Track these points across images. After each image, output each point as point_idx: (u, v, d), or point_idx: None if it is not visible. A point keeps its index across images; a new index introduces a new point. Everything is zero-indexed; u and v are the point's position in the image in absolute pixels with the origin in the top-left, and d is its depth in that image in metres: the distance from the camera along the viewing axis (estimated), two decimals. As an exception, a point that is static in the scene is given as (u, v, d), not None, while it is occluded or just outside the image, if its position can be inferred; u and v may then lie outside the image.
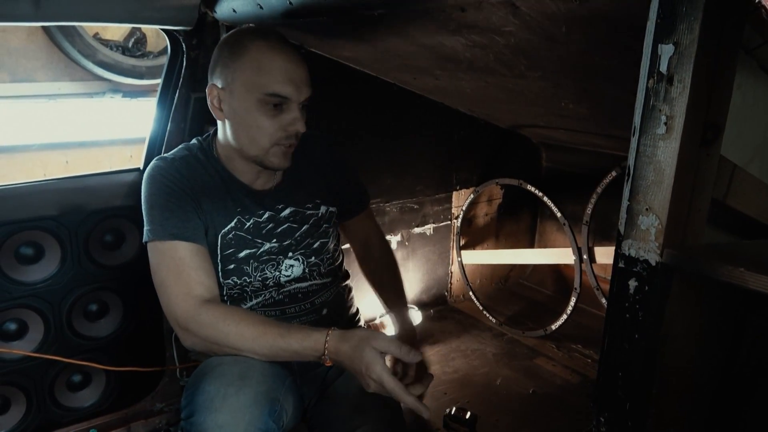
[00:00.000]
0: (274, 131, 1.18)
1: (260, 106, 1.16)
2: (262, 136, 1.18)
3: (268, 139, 1.18)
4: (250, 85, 1.15)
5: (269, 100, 1.15)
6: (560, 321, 2.23)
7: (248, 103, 1.16)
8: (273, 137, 1.18)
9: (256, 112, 1.16)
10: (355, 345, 1.04)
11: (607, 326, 0.75)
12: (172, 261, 1.16)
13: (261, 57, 1.15)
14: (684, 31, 0.61)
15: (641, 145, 0.68)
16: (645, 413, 0.73)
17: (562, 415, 1.85)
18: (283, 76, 1.15)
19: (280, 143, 1.20)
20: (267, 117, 1.17)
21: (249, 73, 1.15)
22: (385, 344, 1.02)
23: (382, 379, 1.01)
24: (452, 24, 1.13)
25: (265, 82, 1.14)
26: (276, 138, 1.19)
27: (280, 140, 1.19)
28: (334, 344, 1.07)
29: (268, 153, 1.20)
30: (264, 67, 1.14)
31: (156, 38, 3.75)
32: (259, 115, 1.16)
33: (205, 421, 1.01)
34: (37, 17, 1.33)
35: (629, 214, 0.70)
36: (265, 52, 1.15)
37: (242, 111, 1.17)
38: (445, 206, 2.54)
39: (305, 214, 1.32)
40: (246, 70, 1.15)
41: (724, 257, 0.64)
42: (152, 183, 1.20)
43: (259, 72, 1.15)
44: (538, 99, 1.67)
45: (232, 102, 1.18)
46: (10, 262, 1.56)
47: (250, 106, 1.16)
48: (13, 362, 1.60)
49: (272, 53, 1.15)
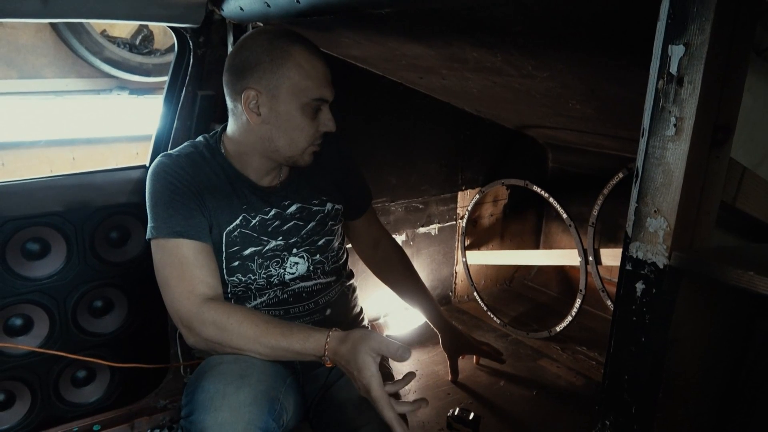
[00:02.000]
0: (313, 132, 1.23)
1: (305, 109, 1.20)
2: (302, 138, 1.22)
3: (306, 140, 1.23)
4: (296, 90, 1.18)
5: (314, 104, 1.21)
6: (565, 323, 2.22)
7: (293, 106, 1.19)
8: (311, 138, 1.23)
9: (300, 115, 1.20)
10: (350, 347, 1.04)
11: (613, 329, 0.75)
12: (176, 259, 1.16)
13: (305, 63, 1.18)
14: (695, 31, 0.61)
15: (650, 146, 0.67)
16: (651, 417, 0.72)
17: (566, 417, 1.84)
18: (326, 81, 1.21)
19: (314, 143, 1.25)
20: (309, 119, 1.21)
21: (296, 78, 1.18)
22: (377, 344, 1.03)
23: (370, 385, 1.01)
24: (460, 23, 1.13)
25: (313, 87, 1.19)
26: (312, 138, 1.24)
27: (314, 140, 1.25)
28: (333, 346, 1.07)
29: (304, 153, 1.25)
30: (310, 73, 1.19)
31: (163, 36, 3.76)
32: (303, 118, 1.21)
33: (204, 420, 1.01)
34: (45, 14, 1.33)
35: (637, 216, 0.70)
36: (308, 58, 1.19)
37: (286, 114, 1.20)
38: (451, 206, 2.54)
39: (311, 210, 1.32)
40: (292, 76, 1.18)
41: (733, 260, 0.63)
42: (157, 180, 1.20)
43: (306, 77, 1.18)
44: (545, 99, 1.66)
45: (275, 106, 1.19)
46: (17, 257, 1.57)
47: (295, 110, 1.20)
48: (18, 357, 1.61)
49: (314, 58, 1.20)
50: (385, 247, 1.64)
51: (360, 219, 1.54)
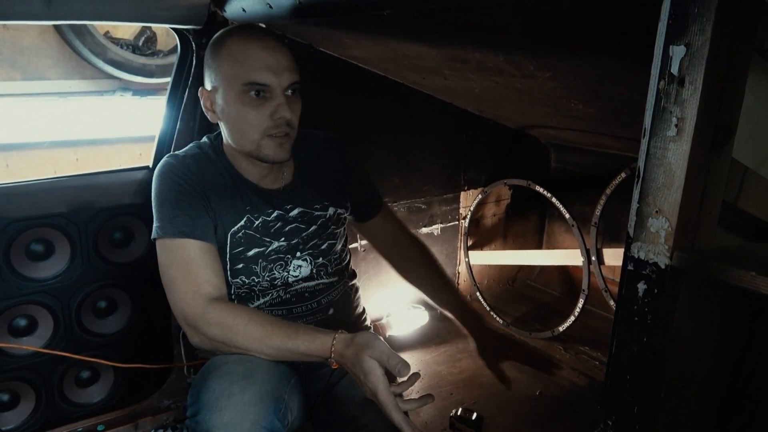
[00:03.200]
0: (260, 121, 1.17)
1: (242, 97, 1.16)
2: (249, 128, 1.18)
3: (255, 130, 1.17)
4: (229, 78, 1.16)
5: (248, 89, 1.15)
6: (568, 323, 2.21)
7: (231, 96, 1.17)
8: (260, 127, 1.17)
9: (239, 104, 1.16)
10: (355, 352, 1.04)
11: (615, 329, 0.75)
12: (181, 259, 1.16)
13: (236, 49, 1.16)
14: (696, 32, 0.61)
15: (651, 147, 0.67)
16: (653, 417, 0.72)
17: (569, 417, 1.84)
18: (259, 63, 1.14)
19: (269, 133, 1.18)
20: (251, 107, 1.16)
21: (226, 66, 1.16)
22: (378, 354, 1.02)
23: (376, 390, 1.01)
24: (461, 24, 1.13)
25: (241, 72, 1.14)
26: (264, 128, 1.17)
27: (268, 130, 1.18)
28: (339, 349, 1.07)
29: (261, 145, 1.19)
30: (239, 58, 1.15)
31: (166, 37, 3.77)
32: (243, 107, 1.16)
33: (210, 420, 1.01)
34: (48, 16, 1.34)
35: (639, 217, 0.70)
36: (240, 44, 1.16)
37: (228, 106, 1.18)
38: (453, 206, 2.54)
39: (313, 215, 1.32)
40: (224, 65, 1.17)
41: (734, 261, 0.63)
42: (163, 180, 1.21)
43: (235, 63, 1.15)
44: (548, 99, 1.66)
45: (219, 100, 1.19)
46: (21, 258, 1.57)
47: (234, 100, 1.17)
48: (22, 358, 1.61)
49: (247, 43, 1.16)
50: (405, 245, 1.57)
51: (372, 221, 1.52)
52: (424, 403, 1.06)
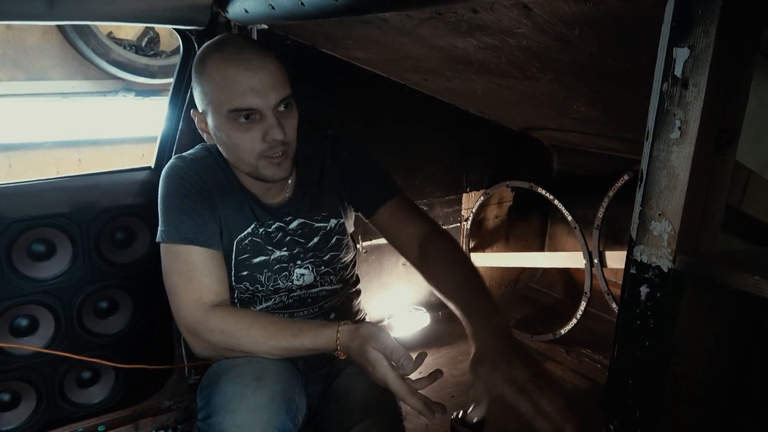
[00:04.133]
0: (254, 145, 1.11)
1: (230, 123, 1.10)
2: (244, 153, 1.12)
3: (250, 154, 1.12)
4: (215, 103, 1.10)
5: (235, 116, 1.09)
6: (570, 325, 2.21)
7: (219, 122, 1.11)
8: (254, 151, 1.12)
9: (229, 130, 1.11)
10: (359, 344, 1.04)
11: (617, 333, 0.74)
12: (185, 266, 1.15)
13: (216, 73, 1.09)
14: (700, 34, 0.60)
15: (654, 149, 0.67)
16: (655, 422, 0.72)
17: (571, 420, 1.83)
18: (242, 87, 1.07)
19: (265, 155, 1.12)
20: (241, 132, 1.10)
21: (209, 91, 1.11)
22: (381, 346, 1.01)
23: (386, 380, 1.01)
24: (464, 26, 1.13)
25: (225, 98, 1.08)
26: (258, 150, 1.12)
27: (264, 152, 1.12)
28: (344, 341, 1.07)
29: (258, 167, 1.14)
30: (220, 83, 1.08)
31: (169, 38, 3.78)
32: (233, 132, 1.10)
33: (223, 422, 1.00)
34: (51, 16, 1.34)
35: (641, 220, 0.69)
36: (219, 66, 1.08)
37: (218, 131, 1.14)
38: (455, 208, 2.53)
39: (313, 227, 1.30)
40: (208, 91, 1.11)
41: (738, 264, 0.63)
42: (170, 183, 1.19)
43: (217, 89, 1.09)
44: (550, 101, 1.66)
45: (209, 122, 1.15)
46: (23, 258, 1.57)
47: (223, 125, 1.11)
48: (23, 358, 1.61)
49: (226, 66, 1.08)
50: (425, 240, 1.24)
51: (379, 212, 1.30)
52: (434, 379, 1.03)
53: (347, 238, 1.38)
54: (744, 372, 0.79)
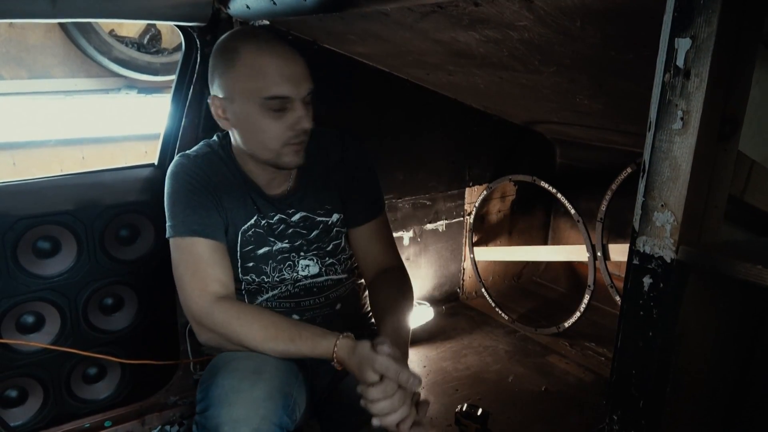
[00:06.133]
0: (282, 132, 1.15)
1: (263, 110, 1.13)
2: (270, 140, 1.16)
3: (276, 141, 1.16)
4: (248, 91, 1.13)
5: (270, 103, 1.12)
6: (573, 318, 2.21)
7: (251, 109, 1.14)
8: (281, 138, 1.16)
9: (260, 117, 1.14)
10: (357, 363, 1.05)
11: (620, 324, 0.74)
12: (191, 257, 1.17)
13: (253, 61, 1.12)
14: (701, 24, 0.60)
15: (657, 140, 0.67)
16: (659, 412, 0.72)
17: (575, 413, 1.83)
18: (279, 76, 1.12)
19: (290, 143, 1.17)
20: (272, 120, 1.14)
21: (245, 79, 1.13)
22: (383, 368, 1.02)
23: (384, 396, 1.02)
24: (465, 19, 1.12)
25: (262, 86, 1.11)
26: (285, 138, 1.16)
27: (289, 140, 1.16)
28: (342, 356, 1.08)
29: (281, 154, 1.18)
30: (258, 71, 1.12)
31: (171, 35, 3.78)
32: (264, 120, 1.14)
33: (219, 415, 1.01)
34: (53, 14, 1.34)
35: (644, 211, 0.69)
36: (256, 55, 1.12)
37: (246, 118, 1.16)
38: (458, 202, 2.53)
39: (315, 221, 1.31)
40: (241, 77, 1.13)
41: (741, 255, 0.63)
42: (175, 180, 1.22)
43: (254, 77, 1.12)
44: (553, 94, 1.65)
45: (236, 110, 1.16)
46: (28, 255, 1.58)
47: (253, 112, 1.14)
48: (30, 354, 1.62)
49: (263, 54, 1.12)
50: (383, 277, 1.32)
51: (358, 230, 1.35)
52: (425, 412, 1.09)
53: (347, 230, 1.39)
54: (748, 362, 0.79)
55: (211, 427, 1.02)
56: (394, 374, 1.01)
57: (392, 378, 1.01)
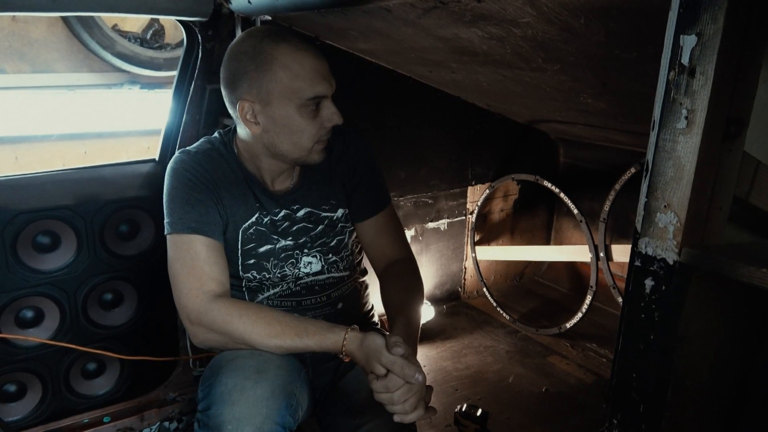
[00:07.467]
0: (317, 131, 1.18)
1: (301, 110, 1.15)
2: (306, 139, 1.18)
3: (312, 140, 1.18)
4: (288, 92, 1.13)
5: (309, 103, 1.15)
6: (575, 319, 2.20)
7: (289, 110, 1.15)
8: (315, 137, 1.18)
9: (298, 117, 1.15)
10: (365, 355, 1.06)
11: (621, 326, 0.74)
12: (188, 254, 1.16)
13: (291, 62, 1.12)
14: (708, 21, 0.59)
15: (660, 139, 0.66)
16: (659, 416, 0.71)
17: (575, 414, 1.82)
18: (317, 76, 1.14)
19: (321, 140, 1.20)
20: (309, 119, 1.16)
21: (285, 81, 1.13)
22: (389, 362, 1.02)
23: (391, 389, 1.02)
24: (468, 15, 1.11)
25: (303, 87, 1.13)
26: (318, 136, 1.19)
27: (321, 137, 1.19)
28: (350, 349, 1.08)
29: (311, 152, 1.20)
30: (298, 73, 1.13)
31: (174, 30, 3.78)
32: (302, 119, 1.15)
33: (222, 414, 1.01)
34: (55, 7, 1.34)
35: (647, 211, 0.68)
36: (293, 57, 1.13)
37: (283, 119, 1.16)
38: (460, 201, 2.52)
39: (320, 216, 1.31)
40: (281, 80, 1.12)
41: (745, 257, 0.62)
42: (175, 176, 1.20)
43: (294, 79, 1.12)
44: (556, 93, 1.64)
45: (270, 113, 1.15)
46: (28, 250, 1.58)
47: (292, 113, 1.15)
48: (29, 349, 1.62)
49: (301, 56, 1.13)
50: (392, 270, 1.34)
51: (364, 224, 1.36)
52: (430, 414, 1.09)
53: (351, 226, 1.38)
54: (750, 365, 0.78)
55: (213, 425, 1.02)
56: (399, 370, 1.01)
57: (397, 374, 1.01)
